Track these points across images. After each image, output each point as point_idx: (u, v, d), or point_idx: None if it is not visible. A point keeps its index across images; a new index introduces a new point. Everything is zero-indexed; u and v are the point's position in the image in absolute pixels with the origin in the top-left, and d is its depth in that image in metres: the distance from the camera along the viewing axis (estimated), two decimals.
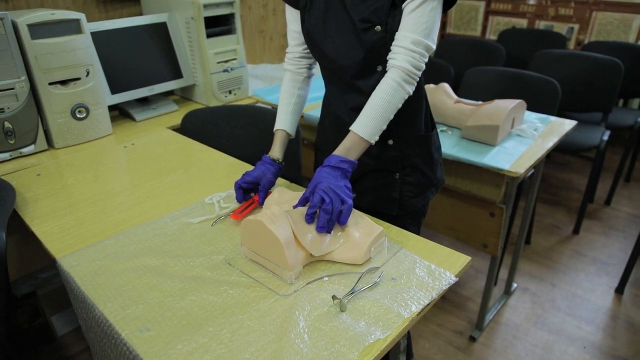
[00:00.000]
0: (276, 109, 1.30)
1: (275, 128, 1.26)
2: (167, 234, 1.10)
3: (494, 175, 1.57)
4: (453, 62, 2.82)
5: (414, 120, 1.22)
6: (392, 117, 1.09)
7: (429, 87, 1.81)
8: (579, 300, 2.11)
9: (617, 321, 2.00)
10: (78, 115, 1.64)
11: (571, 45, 3.32)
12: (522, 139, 1.68)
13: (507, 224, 1.73)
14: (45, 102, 1.58)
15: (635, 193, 3.03)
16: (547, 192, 2.99)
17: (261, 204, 1.16)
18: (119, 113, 1.98)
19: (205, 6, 1.86)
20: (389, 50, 1.08)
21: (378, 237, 1.01)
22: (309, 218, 0.98)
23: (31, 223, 1.18)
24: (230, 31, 1.99)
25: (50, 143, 1.65)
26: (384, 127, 1.08)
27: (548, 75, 2.33)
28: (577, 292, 2.16)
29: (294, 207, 1.04)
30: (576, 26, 3.28)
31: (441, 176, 1.33)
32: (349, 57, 1.12)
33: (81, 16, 1.59)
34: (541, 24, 3.40)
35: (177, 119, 1.89)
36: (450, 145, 1.63)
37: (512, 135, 1.71)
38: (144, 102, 1.99)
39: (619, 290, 2.16)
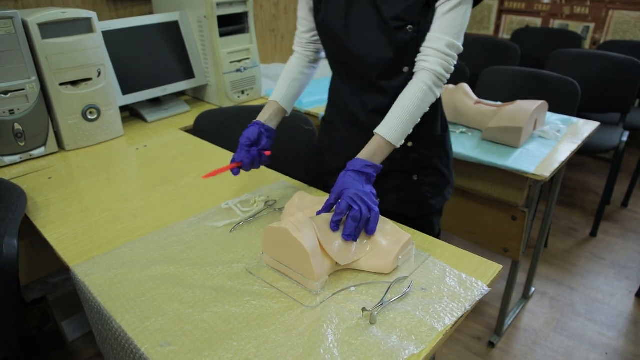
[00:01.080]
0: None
1: (269, 100, 1.22)
2: (185, 240, 1.06)
3: (516, 178, 1.52)
4: (468, 61, 2.76)
5: (433, 121, 1.18)
6: (419, 120, 1.04)
7: (449, 88, 1.76)
8: (598, 304, 2.06)
9: (639, 327, 1.94)
10: (89, 117, 1.61)
11: (587, 44, 3.26)
12: (545, 140, 1.63)
13: (529, 228, 1.67)
14: (56, 103, 1.54)
15: None
16: (563, 194, 2.93)
17: (236, 159, 1.13)
18: (130, 114, 1.95)
19: (219, 5, 1.82)
20: (419, 51, 1.03)
21: (406, 244, 0.96)
22: (335, 225, 0.94)
23: (43, 229, 1.14)
24: (243, 30, 1.95)
25: (60, 145, 1.62)
26: (410, 131, 1.04)
27: (565, 75, 2.27)
28: (596, 296, 2.11)
29: (318, 213, 1.00)
30: (592, 25, 3.22)
31: (454, 175, 1.32)
32: (376, 55, 1.06)
33: (93, 15, 1.55)
34: (556, 23, 3.34)
35: (189, 120, 1.85)
36: (471, 147, 1.58)
37: (534, 137, 1.66)
38: (155, 102, 1.95)
39: None
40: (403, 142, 1.04)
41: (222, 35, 1.88)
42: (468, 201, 1.71)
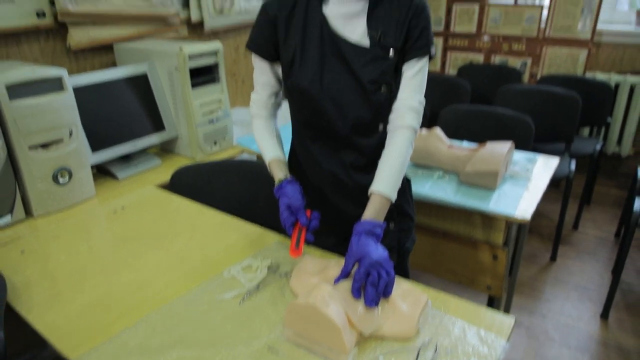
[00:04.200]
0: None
1: (268, 160, 1.21)
2: (194, 318, 1.01)
3: (496, 219, 1.59)
4: (426, 100, 2.88)
5: None
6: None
7: (422, 134, 1.83)
8: (569, 329, 2.16)
9: (609, 348, 2.06)
10: (60, 180, 1.51)
11: (526, 78, 3.50)
12: (517, 181, 1.72)
13: (509, 266, 1.75)
14: (25, 167, 1.44)
15: (597, 215, 3.20)
16: None
17: (304, 223, 1.09)
18: (97, 171, 1.84)
19: (191, 57, 1.79)
20: (391, 110, 1.13)
21: (424, 306, 0.97)
22: (357, 293, 0.93)
23: (29, 315, 1.04)
24: (214, 80, 1.93)
25: (28, 211, 1.50)
26: (400, 184, 1.13)
27: (513, 109, 2.44)
28: (567, 321, 2.22)
29: (336, 280, 0.99)
30: (529, 60, 3.48)
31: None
32: (353, 116, 1.13)
33: (63, 72, 1.48)
34: (497, 59, 3.57)
35: (162, 175, 1.78)
36: (452, 192, 1.64)
37: (506, 178, 1.74)
38: (124, 157, 1.87)
39: (604, 315, 2.23)
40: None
41: (193, 86, 1.85)
42: (449, 242, 1.76)
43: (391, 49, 1.08)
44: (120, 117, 1.81)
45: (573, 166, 2.62)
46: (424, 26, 1.09)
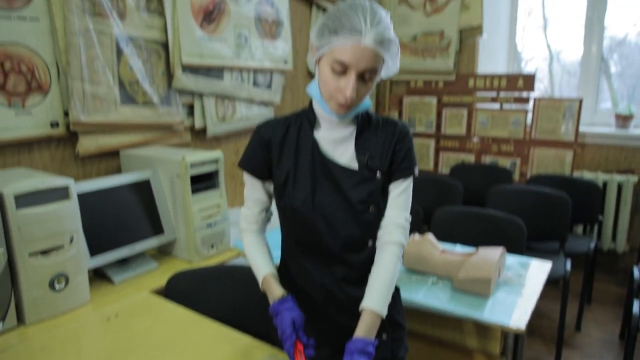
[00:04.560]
0: None
1: (262, 275, 1.23)
2: None
3: (490, 328, 1.58)
4: (413, 199, 2.95)
5: None
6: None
7: (415, 239, 1.87)
8: None
9: None
10: (56, 286, 1.52)
11: (516, 176, 3.62)
12: (510, 287, 1.73)
13: None
14: (22, 274, 1.46)
15: (599, 315, 3.14)
16: None
17: (305, 342, 1.10)
18: (94, 274, 1.86)
19: (192, 165, 1.88)
20: (379, 226, 1.19)
21: None
22: None
23: None
24: (214, 186, 2.01)
25: (20, 319, 1.49)
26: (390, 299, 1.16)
27: (505, 209, 2.52)
28: None
29: None
30: (518, 160, 3.62)
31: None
32: (344, 234, 1.18)
33: (70, 182, 1.55)
34: (487, 159, 3.72)
35: (158, 279, 1.79)
36: (446, 300, 1.65)
37: (500, 284, 1.76)
38: (121, 260, 1.89)
39: None
40: None
41: (193, 192, 1.92)
42: (445, 351, 1.72)
43: (378, 171, 1.16)
44: (121, 221, 1.86)
45: (569, 266, 2.63)
46: (407, 149, 1.18)
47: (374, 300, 1.12)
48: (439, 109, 3.84)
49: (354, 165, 1.17)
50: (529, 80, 3.47)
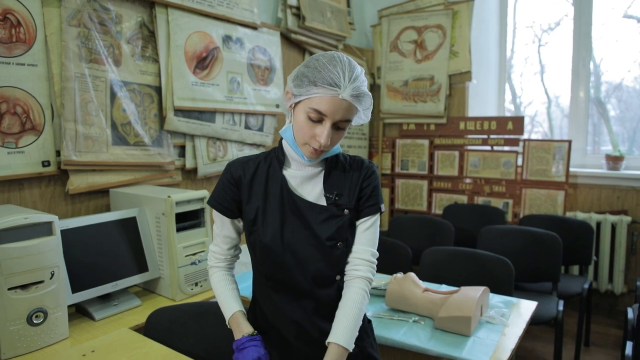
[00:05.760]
0: None
1: (231, 312, 1.24)
2: None
3: None
4: (405, 239, 2.97)
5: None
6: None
7: (397, 277, 1.87)
8: None
9: None
10: (34, 321, 1.53)
11: (509, 217, 3.63)
12: (492, 326, 1.71)
13: None
14: (1, 307, 1.47)
15: (597, 358, 3.06)
16: None
17: None
18: (76, 310, 1.86)
19: (178, 203, 1.92)
20: (347, 262, 1.22)
21: None
22: None
23: None
24: (199, 224, 2.04)
25: None
26: (357, 333, 1.17)
27: (496, 249, 2.52)
28: None
29: None
30: (510, 201, 3.64)
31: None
32: (313, 269, 1.20)
33: (54, 218, 1.59)
34: (479, 199, 3.74)
35: (140, 316, 1.79)
36: (426, 339, 1.63)
37: (482, 323, 1.74)
38: (104, 296, 1.90)
39: None
40: None
41: (178, 230, 1.95)
42: None
43: (345, 208, 1.20)
44: (106, 258, 1.88)
45: (561, 306, 2.59)
46: (374, 186, 1.22)
47: (340, 335, 1.13)
48: (431, 150, 3.90)
49: (322, 201, 1.21)
50: (518, 123, 3.55)
